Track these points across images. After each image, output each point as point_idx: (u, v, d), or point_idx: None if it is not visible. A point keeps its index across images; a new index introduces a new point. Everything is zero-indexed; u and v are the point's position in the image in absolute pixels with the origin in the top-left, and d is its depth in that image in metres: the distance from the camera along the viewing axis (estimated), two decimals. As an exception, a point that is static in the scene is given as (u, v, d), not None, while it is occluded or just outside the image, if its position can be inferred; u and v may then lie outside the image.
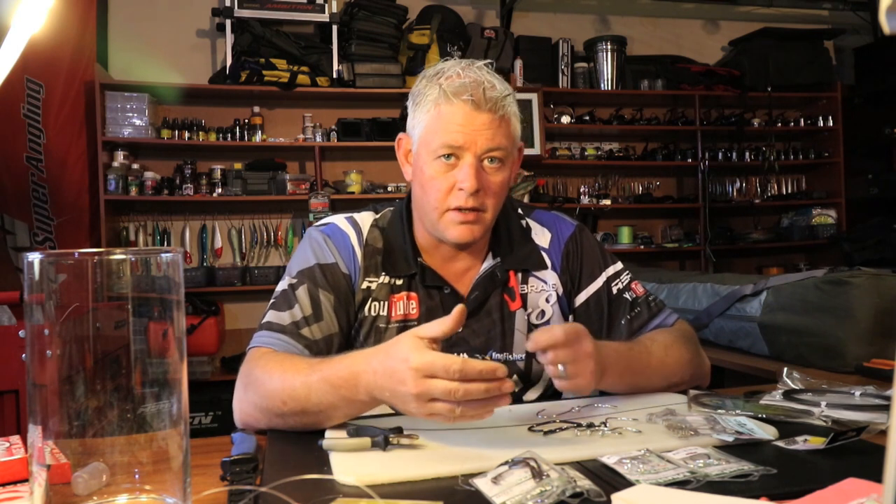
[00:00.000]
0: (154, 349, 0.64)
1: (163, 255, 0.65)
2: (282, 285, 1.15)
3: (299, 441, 0.91)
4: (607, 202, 4.29)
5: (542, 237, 1.26)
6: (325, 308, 1.12)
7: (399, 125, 3.99)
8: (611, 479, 0.73)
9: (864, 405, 0.99)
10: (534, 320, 1.22)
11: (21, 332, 1.96)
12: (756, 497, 0.66)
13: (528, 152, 3.95)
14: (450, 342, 1.15)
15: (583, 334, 0.99)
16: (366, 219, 1.22)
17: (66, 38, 3.38)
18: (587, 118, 4.29)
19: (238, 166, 3.81)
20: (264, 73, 3.67)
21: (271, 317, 1.11)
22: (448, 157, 1.10)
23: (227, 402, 3.59)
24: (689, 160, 4.40)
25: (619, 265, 1.27)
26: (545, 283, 1.23)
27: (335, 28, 3.76)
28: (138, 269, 0.64)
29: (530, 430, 0.91)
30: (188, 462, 0.66)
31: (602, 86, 4.30)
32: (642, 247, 4.35)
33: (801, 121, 4.58)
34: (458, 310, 0.86)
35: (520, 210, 1.29)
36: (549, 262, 1.24)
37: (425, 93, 1.13)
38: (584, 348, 0.98)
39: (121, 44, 3.85)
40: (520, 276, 1.22)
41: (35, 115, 3.37)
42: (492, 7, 4.41)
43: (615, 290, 1.24)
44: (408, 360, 0.82)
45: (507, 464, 0.73)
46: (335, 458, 0.81)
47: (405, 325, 1.16)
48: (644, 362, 1.12)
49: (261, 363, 1.02)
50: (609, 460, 0.77)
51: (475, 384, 0.80)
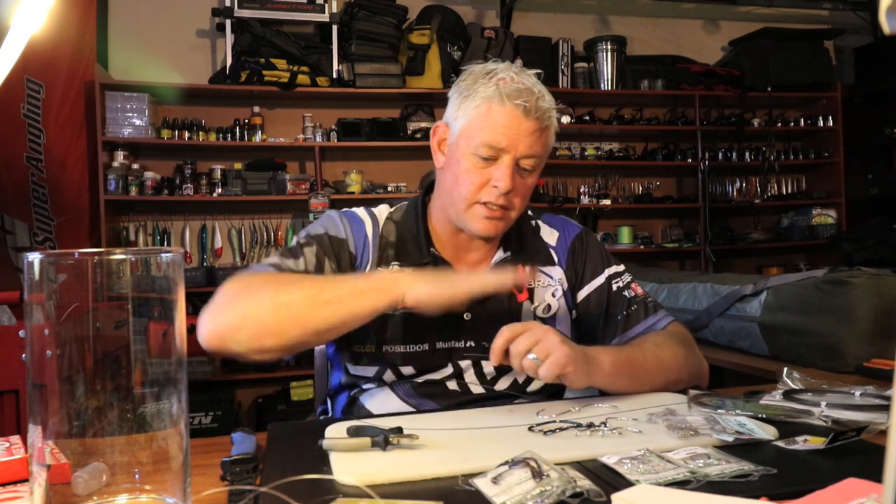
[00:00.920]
0: (154, 349, 0.64)
1: (163, 255, 0.65)
2: (293, 242, 1.20)
3: (299, 441, 0.91)
4: (607, 202, 4.29)
5: (550, 236, 1.31)
6: (327, 273, 1.15)
7: (399, 125, 3.99)
8: (611, 479, 0.73)
9: (864, 405, 0.99)
10: (540, 314, 1.25)
11: (21, 332, 1.95)
12: (756, 497, 0.65)
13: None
14: (457, 330, 1.18)
15: (530, 324, 1.02)
16: (382, 212, 1.26)
17: (66, 38, 3.38)
18: (587, 118, 4.29)
19: (238, 166, 3.81)
20: (264, 73, 3.67)
21: (272, 259, 1.14)
22: (487, 156, 1.13)
23: (227, 403, 3.59)
24: (689, 160, 4.40)
25: (622, 266, 1.32)
26: (551, 277, 1.27)
27: (335, 28, 3.76)
28: (138, 269, 0.64)
29: (530, 430, 0.91)
30: (188, 462, 0.66)
31: (602, 86, 4.30)
32: (642, 247, 4.35)
33: (801, 121, 4.58)
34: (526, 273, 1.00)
35: (529, 212, 1.33)
36: (556, 259, 1.28)
37: (477, 89, 1.15)
38: (538, 328, 1.01)
39: (121, 44, 3.85)
40: (528, 270, 1.24)
41: (35, 115, 3.37)
42: (492, 7, 4.41)
43: (615, 288, 1.28)
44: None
45: (507, 464, 0.73)
46: (335, 458, 0.81)
47: (411, 312, 1.16)
48: (636, 358, 1.13)
49: (270, 274, 1.09)
50: (609, 460, 0.77)
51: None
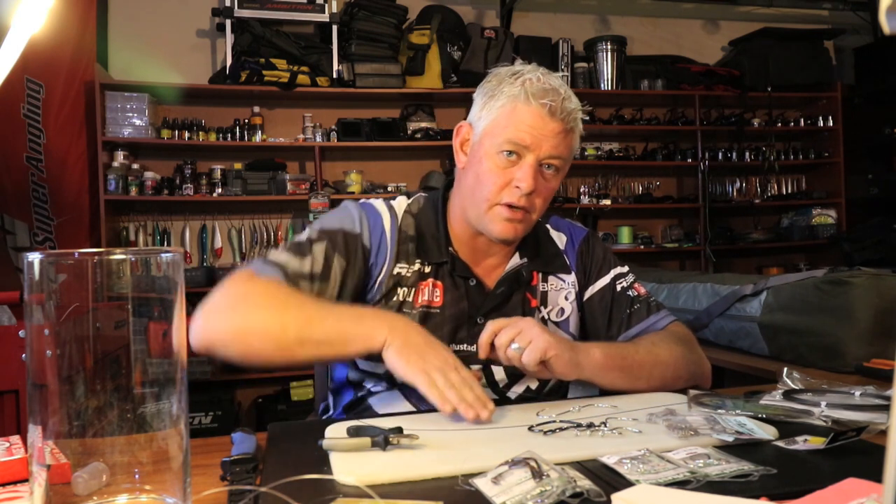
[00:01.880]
0: (154, 349, 0.64)
1: (163, 255, 0.65)
2: (302, 236, 1.17)
3: (299, 441, 0.91)
4: (607, 202, 4.29)
5: (558, 240, 1.32)
6: (335, 272, 1.13)
7: (399, 125, 3.99)
8: (611, 479, 0.73)
9: (864, 405, 0.99)
10: (554, 318, 1.26)
11: (21, 332, 1.95)
12: (756, 497, 0.65)
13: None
14: (469, 335, 1.19)
15: (515, 318, 1.05)
16: (401, 204, 1.25)
17: (66, 38, 3.38)
18: (587, 118, 4.26)
19: (238, 166, 3.81)
20: (264, 73, 3.67)
21: (281, 257, 1.12)
22: (510, 153, 1.12)
23: (227, 403, 3.59)
24: (689, 160, 4.40)
25: (626, 267, 1.33)
26: (564, 282, 1.28)
27: (335, 28, 3.76)
28: (138, 269, 0.64)
29: (530, 430, 0.91)
30: (188, 462, 0.66)
31: (602, 86, 4.30)
32: (642, 247, 4.35)
33: (801, 121, 4.58)
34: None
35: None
36: (568, 263, 1.30)
37: (503, 88, 1.14)
38: (521, 320, 1.03)
39: (121, 44, 3.85)
40: (541, 275, 1.27)
41: (35, 115, 3.37)
42: (492, 7, 4.41)
43: (619, 288, 1.29)
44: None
45: (507, 464, 0.73)
46: (335, 458, 0.81)
47: (427, 311, 1.18)
48: (629, 352, 1.14)
49: (275, 286, 1.07)
50: (609, 460, 0.77)
51: (469, 391, 0.93)
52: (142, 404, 0.63)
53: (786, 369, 1.19)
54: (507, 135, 1.12)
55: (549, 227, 1.33)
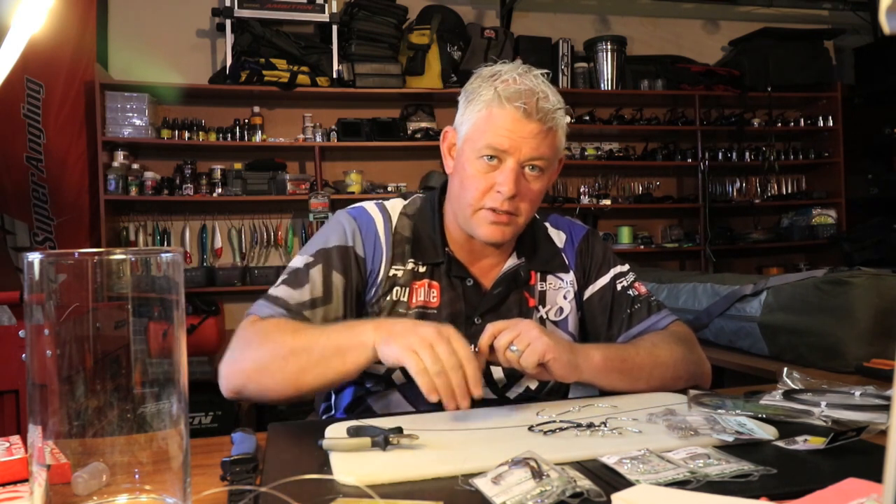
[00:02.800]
0: (154, 349, 0.64)
1: (163, 255, 0.65)
2: (297, 261, 1.18)
3: (299, 441, 0.91)
4: (607, 202, 4.29)
5: (557, 239, 1.31)
6: (336, 290, 1.14)
7: (399, 125, 3.99)
8: (611, 479, 0.73)
9: (864, 405, 0.99)
10: (553, 317, 1.25)
11: (21, 332, 1.95)
12: (756, 497, 0.65)
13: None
14: (471, 332, 1.17)
15: (514, 320, 1.06)
16: (395, 206, 1.25)
17: (66, 38, 3.38)
18: (587, 118, 4.29)
19: (238, 166, 3.81)
20: (264, 73, 3.68)
21: (280, 292, 1.14)
22: (491, 158, 1.12)
23: (228, 403, 3.59)
24: (689, 160, 4.41)
25: (626, 266, 1.32)
26: (562, 281, 1.27)
27: (335, 28, 3.76)
28: (138, 269, 0.64)
29: (530, 430, 0.91)
30: (188, 462, 0.66)
31: (602, 86, 4.30)
32: (642, 247, 4.35)
33: (801, 121, 4.58)
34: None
35: (536, 214, 1.32)
36: (567, 262, 1.29)
37: (479, 92, 1.14)
38: (521, 322, 1.03)
39: (121, 44, 3.85)
40: (539, 274, 1.26)
41: (35, 115, 3.37)
42: (492, 7, 4.41)
43: (619, 287, 1.28)
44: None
45: (507, 464, 0.73)
46: (335, 458, 0.81)
47: (424, 312, 1.18)
48: (629, 354, 1.14)
49: (273, 324, 1.08)
50: (609, 460, 0.77)
51: (458, 375, 0.90)
52: (142, 404, 0.63)
53: (786, 369, 1.19)
54: (486, 139, 1.11)
55: (548, 225, 1.33)
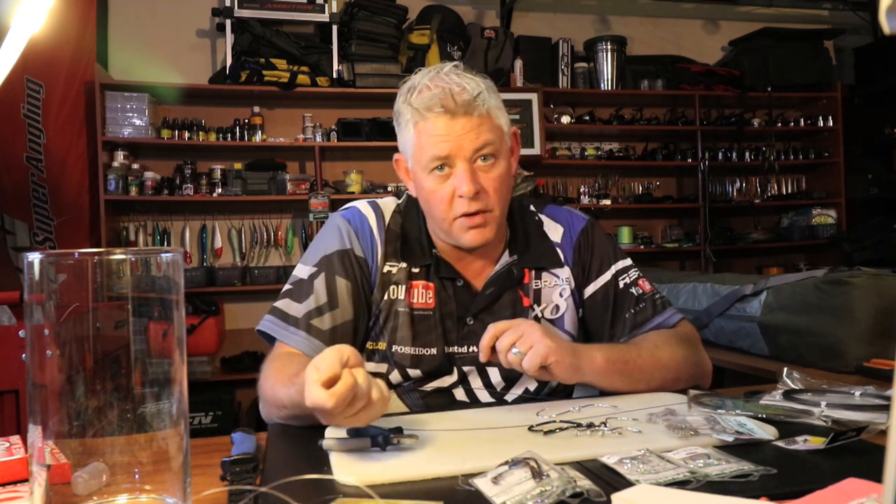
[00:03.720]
0: (154, 349, 0.64)
1: (163, 255, 0.65)
2: (301, 272, 1.18)
3: (299, 441, 0.91)
4: (607, 202, 4.29)
5: (554, 232, 1.27)
6: (342, 295, 1.15)
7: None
8: (611, 479, 0.72)
9: (864, 405, 0.99)
10: (548, 315, 1.22)
11: (21, 332, 1.96)
12: (756, 497, 0.65)
13: (529, 152, 3.94)
14: (461, 336, 1.18)
15: (516, 321, 1.05)
16: (389, 204, 1.26)
17: (66, 38, 3.38)
18: (587, 118, 4.29)
19: (238, 166, 3.81)
20: (264, 73, 3.67)
21: (286, 306, 1.15)
22: (441, 167, 1.11)
23: (227, 403, 3.59)
24: (689, 160, 4.40)
25: (629, 261, 1.28)
26: (558, 277, 1.24)
27: (335, 28, 3.76)
28: (138, 269, 0.64)
29: (530, 430, 0.91)
30: (188, 462, 0.66)
31: (602, 86, 4.30)
32: (642, 247, 4.35)
33: (801, 121, 4.58)
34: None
35: (532, 207, 1.30)
36: (562, 258, 1.25)
37: (402, 113, 1.14)
38: (524, 323, 1.03)
39: (121, 44, 3.85)
40: (533, 272, 1.23)
41: (35, 115, 3.37)
42: (492, 7, 4.41)
43: (622, 285, 1.24)
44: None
45: (507, 464, 0.73)
46: (335, 458, 0.81)
47: (422, 313, 1.18)
48: (631, 356, 1.12)
49: (274, 366, 1.08)
50: (609, 460, 0.77)
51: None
52: (142, 404, 0.63)
53: (786, 369, 1.19)
54: (428, 154, 1.11)
55: (544, 218, 1.28)
